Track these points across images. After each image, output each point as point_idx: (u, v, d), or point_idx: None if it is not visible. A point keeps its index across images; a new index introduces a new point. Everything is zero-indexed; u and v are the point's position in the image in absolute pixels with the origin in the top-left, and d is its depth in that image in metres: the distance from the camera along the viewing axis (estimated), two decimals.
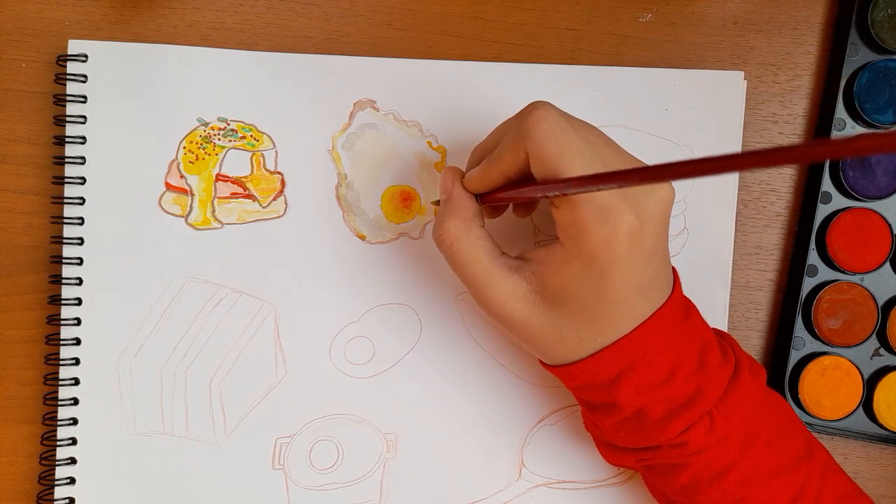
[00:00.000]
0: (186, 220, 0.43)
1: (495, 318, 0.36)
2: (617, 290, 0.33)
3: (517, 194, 0.35)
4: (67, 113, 0.42)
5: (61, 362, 0.42)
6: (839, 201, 0.45)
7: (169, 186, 0.43)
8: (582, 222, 0.32)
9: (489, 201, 0.37)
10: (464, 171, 0.38)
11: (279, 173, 0.43)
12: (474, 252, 0.35)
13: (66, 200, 0.42)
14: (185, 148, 0.43)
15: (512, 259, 0.36)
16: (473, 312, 0.44)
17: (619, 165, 0.34)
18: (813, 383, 0.44)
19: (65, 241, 0.42)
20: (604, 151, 0.34)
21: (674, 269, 0.38)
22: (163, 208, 0.42)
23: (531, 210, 0.41)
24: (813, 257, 0.45)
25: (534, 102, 0.35)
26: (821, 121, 0.46)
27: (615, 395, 0.35)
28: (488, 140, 0.38)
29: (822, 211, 0.45)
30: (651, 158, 0.44)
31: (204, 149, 0.43)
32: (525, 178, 0.35)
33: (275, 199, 0.43)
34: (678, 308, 0.36)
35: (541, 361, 0.38)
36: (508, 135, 0.35)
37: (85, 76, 0.42)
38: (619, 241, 0.32)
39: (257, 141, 0.43)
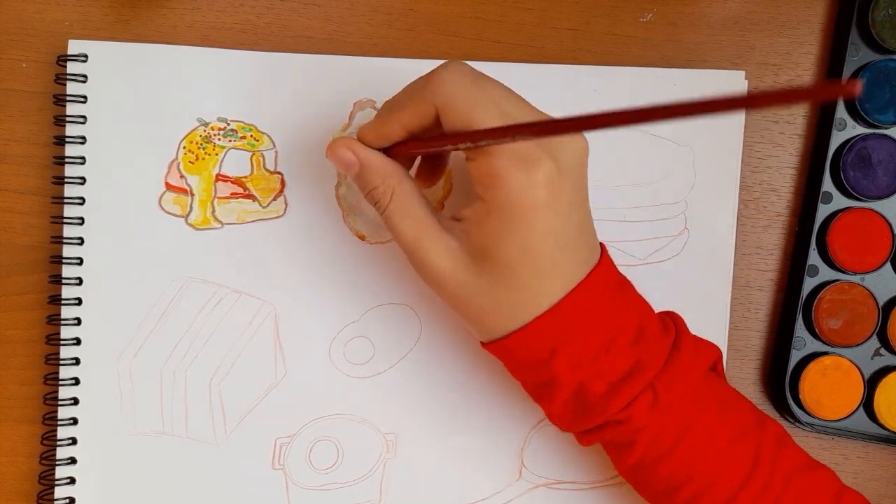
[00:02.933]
0: (186, 220, 0.43)
1: (431, 284, 0.35)
2: (540, 243, 0.33)
3: (428, 146, 0.34)
4: (67, 113, 0.42)
5: (61, 362, 0.42)
6: (840, 201, 0.45)
7: (169, 186, 0.43)
8: (497, 171, 0.32)
9: (396, 154, 0.36)
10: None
11: (279, 173, 0.43)
12: (409, 205, 0.35)
13: (66, 200, 0.42)
14: (185, 148, 0.42)
15: (445, 218, 0.36)
16: None
17: (531, 119, 0.34)
18: (813, 383, 0.44)
19: (65, 241, 0.42)
20: (517, 107, 0.34)
21: (602, 245, 0.37)
22: (163, 208, 0.42)
23: (437, 177, 0.40)
24: (813, 257, 0.45)
25: (444, 63, 0.34)
26: (821, 120, 0.46)
27: (553, 370, 0.35)
28: (395, 97, 0.37)
29: (823, 211, 0.45)
30: (652, 158, 0.44)
31: (204, 149, 0.43)
32: (425, 133, 0.34)
33: (275, 199, 0.43)
34: (610, 278, 0.36)
35: (481, 343, 0.37)
36: (413, 87, 0.35)
37: (85, 76, 0.42)
38: (538, 186, 0.32)
39: (257, 141, 0.43)
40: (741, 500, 0.35)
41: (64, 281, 0.42)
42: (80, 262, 0.42)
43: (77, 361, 0.42)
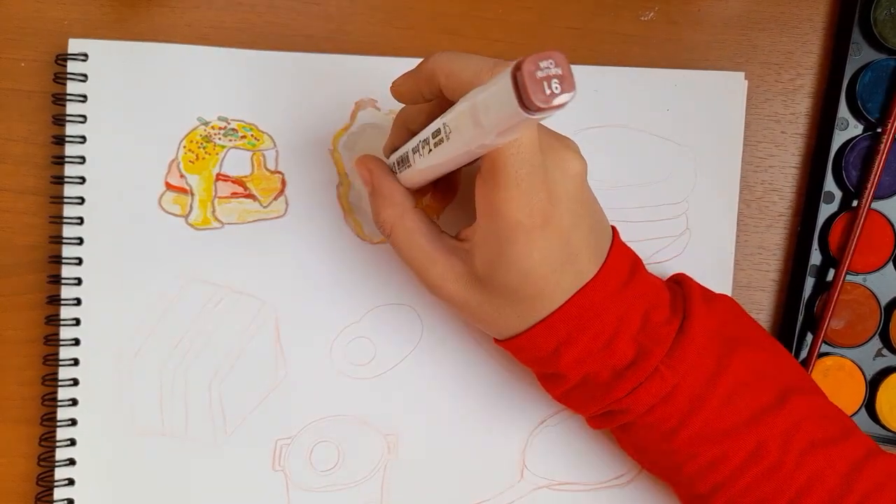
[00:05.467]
0: (186, 220, 0.42)
1: (440, 299, 0.37)
2: (539, 268, 0.34)
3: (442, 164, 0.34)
4: (67, 112, 0.41)
5: (60, 363, 0.41)
6: (842, 201, 0.45)
7: (169, 186, 0.42)
8: (496, 204, 0.33)
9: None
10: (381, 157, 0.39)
11: (280, 173, 0.43)
12: (411, 237, 0.37)
13: (65, 200, 0.41)
14: (185, 147, 0.42)
15: (450, 239, 0.37)
16: None
17: None
18: None
19: (64, 240, 0.42)
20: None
21: (614, 228, 0.38)
22: (163, 208, 0.42)
23: (451, 198, 0.42)
24: (815, 257, 0.44)
25: None
26: (823, 120, 0.45)
27: (557, 365, 0.36)
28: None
29: (825, 211, 0.45)
30: (653, 158, 0.44)
31: (204, 148, 0.42)
32: (425, 124, 0.34)
33: (275, 198, 0.43)
34: (616, 273, 0.36)
35: (494, 340, 0.39)
36: (410, 79, 0.35)
37: (85, 75, 0.42)
38: (533, 217, 0.33)
39: (258, 140, 0.43)
40: (746, 478, 0.36)
41: (63, 281, 0.41)
42: (80, 262, 0.42)
43: (76, 362, 0.42)
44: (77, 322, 0.42)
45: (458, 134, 0.30)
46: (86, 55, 0.42)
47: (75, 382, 0.42)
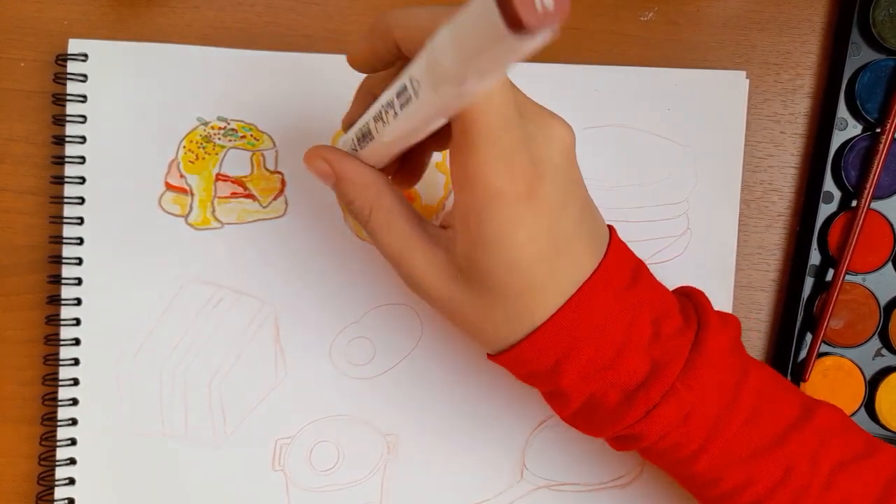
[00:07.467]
0: (186, 220, 0.42)
1: (421, 296, 0.33)
2: (526, 252, 0.29)
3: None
4: (67, 112, 0.41)
5: (60, 363, 0.41)
6: (841, 201, 0.45)
7: (169, 186, 0.42)
8: (473, 168, 0.28)
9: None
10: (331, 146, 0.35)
11: (279, 173, 0.43)
12: (390, 218, 0.32)
13: (65, 200, 0.41)
14: (185, 147, 0.42)
15: (432, 226, 0.33)
16: None
17: None
18: (815, 384, 0.44)
19: (64, 240, 0.42)
20: None
21: (611, 227, 0.34)
22: (162, 208, 0.42)
23: (417, 178, 0.36)
24: (815, 257, 0.45)
25: None
26: (822, 120, 0.46)
27: (558, 382, 0.32)
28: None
29: (825, 211, 0.45)
30: (654, 158, 0.44)
31: (204, 148, 0.42)
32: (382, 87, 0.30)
33: (275, 198, 0.43)
34: (618, 272, 0.32)
35: (487, 355, 0.35)
36: (364, 41, 0.31)
37: (85, 75, 0.42)
38: (517, 193, 0.28)
39: (257, 140, 0.43)
40: (775, 500, 0.33)
41: (63, 281, 0.41)
42: (80, 262, 0.42)
43: (76, 362, 0.42)
44: (77, 322, 0.42)
45: (428, 85, 0.26)
46: (86, 55, 0.42)
47: (75, 382, 0.42)
